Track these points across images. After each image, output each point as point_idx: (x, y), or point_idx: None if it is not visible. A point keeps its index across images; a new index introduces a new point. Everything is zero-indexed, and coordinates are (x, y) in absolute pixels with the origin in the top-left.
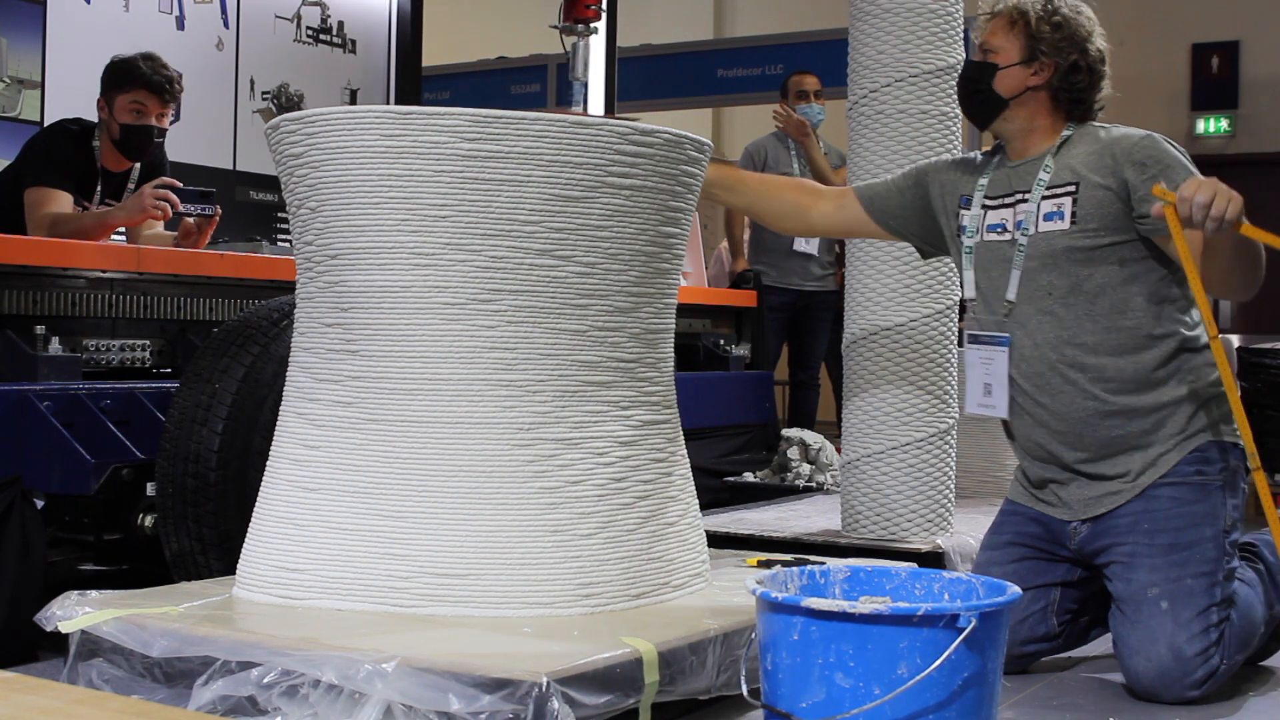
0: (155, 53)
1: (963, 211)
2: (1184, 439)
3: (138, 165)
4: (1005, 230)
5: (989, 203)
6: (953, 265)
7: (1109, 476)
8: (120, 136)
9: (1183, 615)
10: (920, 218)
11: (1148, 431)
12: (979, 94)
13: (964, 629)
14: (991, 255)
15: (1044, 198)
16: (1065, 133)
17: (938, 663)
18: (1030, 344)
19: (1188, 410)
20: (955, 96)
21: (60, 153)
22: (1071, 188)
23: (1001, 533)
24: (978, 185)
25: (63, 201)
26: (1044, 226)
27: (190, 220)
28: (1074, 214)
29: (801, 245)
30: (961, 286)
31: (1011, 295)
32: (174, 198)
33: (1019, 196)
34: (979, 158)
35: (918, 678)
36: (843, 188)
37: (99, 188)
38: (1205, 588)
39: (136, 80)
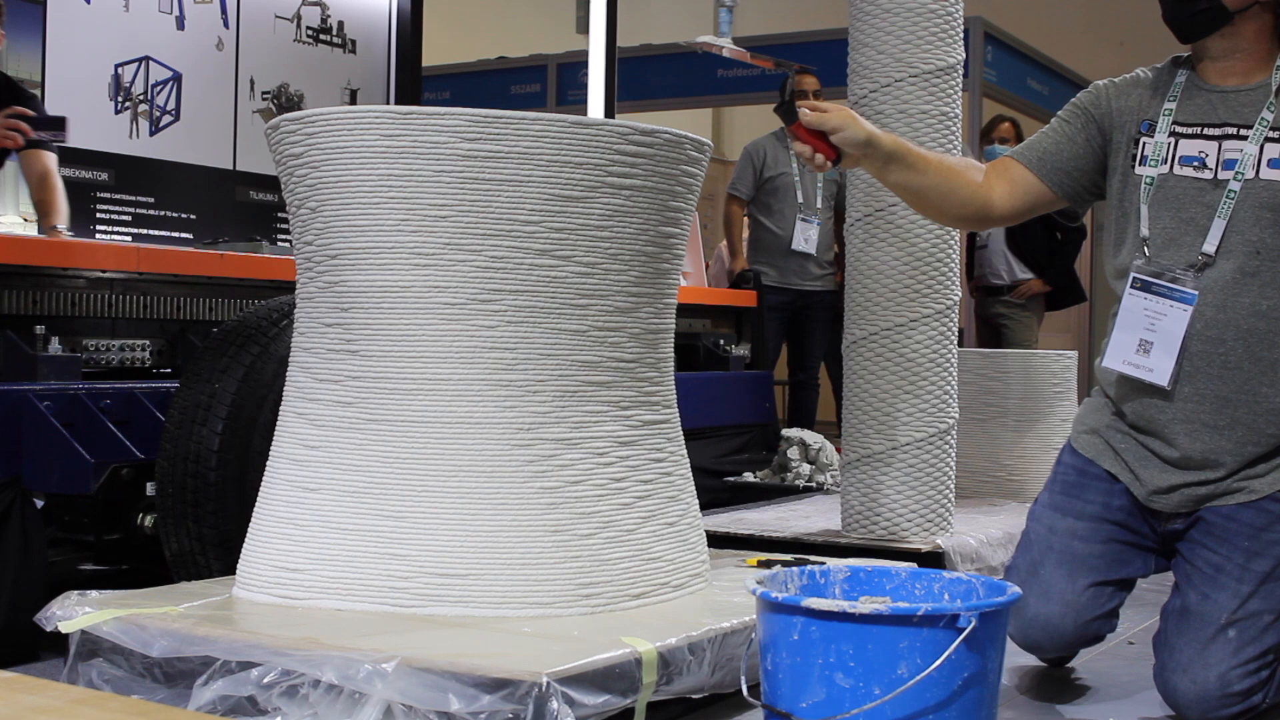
0: None
1: (1144, 139)
2: None
3: None
4: (1205, 166)
5: (1181, 130)
6: (951, 261)
7: (1224, 477)
8: None
9: (1246, 651)
10: (1099, 164)
11: None
12: (1197, 1)
13: (964, 629)
14: (1184, 193)
15: (1268, 140)
16: None
17: (938, 663)
18: (1217, 306)
19: None
20: (955, 97)
21: None
22: None
23: (1085, 498)
24: (1164, 110)
25: None
26: (1267, 174)
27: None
28: None
29: (800, 245)
30: (1139, 223)
31: (1210, 248)
32: (24, 125)
33: (1230, 130)
34: (1148, 76)
35: (918, 678)
36: (998, 163)
37: None
38: (1274, 624)
39: None
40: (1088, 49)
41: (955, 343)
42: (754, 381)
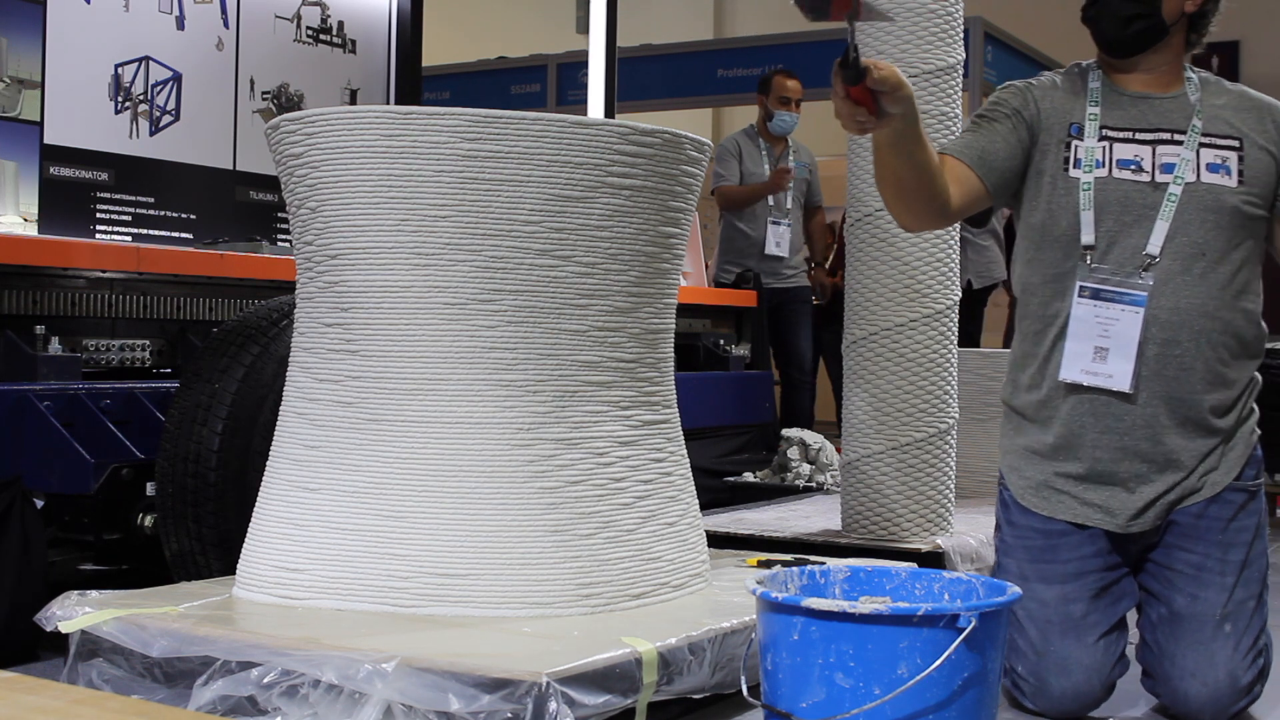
0: None
1: (1075, 141)
2: (1250, 434)
3: None
4: (1142, 169)
5: (1112, 134)
6: (951, 261)
7: (1187, 476)
8: None
9: (1244, 642)
10: (1025, 165)
11: (1227, 409)
12: (1141, 19)
13: (964, 629)
14: (1124, 195)
15: (1203, 145)
16: (1189, 75)
17: (938, 663)
18: (1170, 307)
19: (1250, 401)
20: (955, 97)
21: None
22: (1235, 143)
23: (1060, 559)
24: (1088, 114)
25: None
26: (1208, 177)
27: None
28: (1241, 173)
29: (772, 249)
30: (1080, 229)
31: (1154, 249)
32: None
33: (1164, 135)
34: (1058, 79)
35: (918, 678)
36: (942, 159)
37: None
38: (1256, 608)
39: None
40: (1088, 49)
41: (955, 343)
42: (754, 381)
